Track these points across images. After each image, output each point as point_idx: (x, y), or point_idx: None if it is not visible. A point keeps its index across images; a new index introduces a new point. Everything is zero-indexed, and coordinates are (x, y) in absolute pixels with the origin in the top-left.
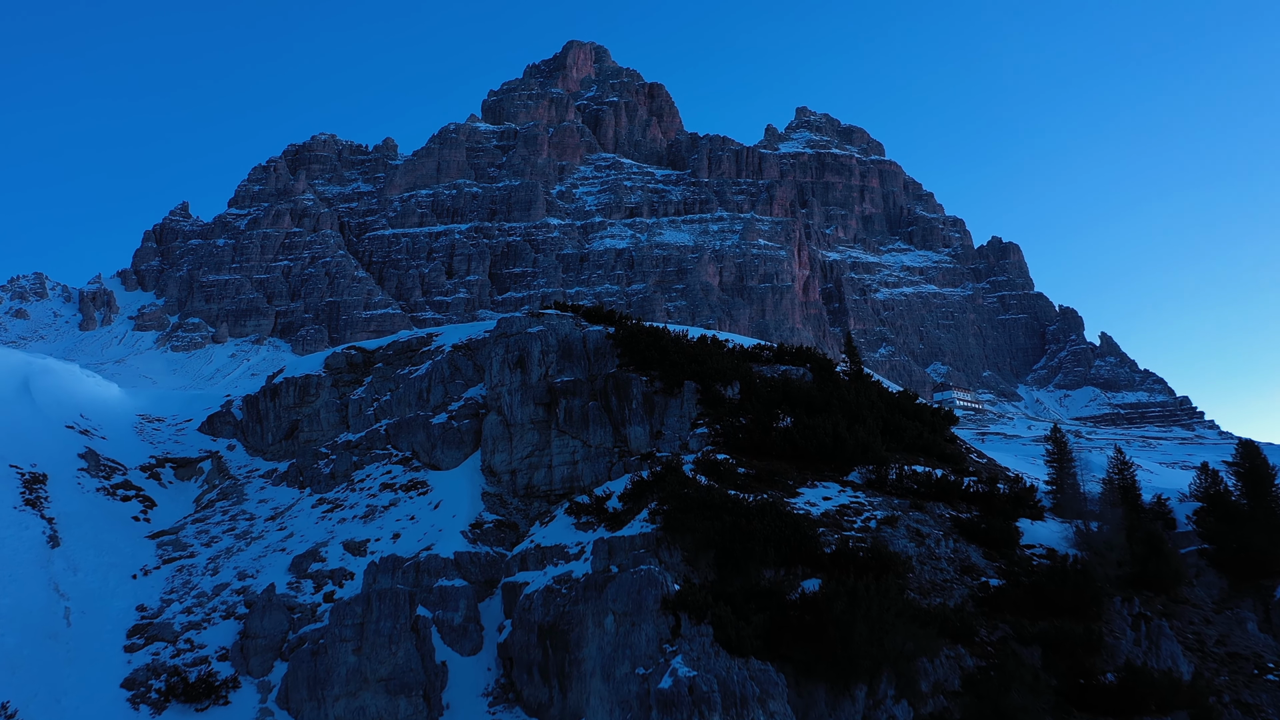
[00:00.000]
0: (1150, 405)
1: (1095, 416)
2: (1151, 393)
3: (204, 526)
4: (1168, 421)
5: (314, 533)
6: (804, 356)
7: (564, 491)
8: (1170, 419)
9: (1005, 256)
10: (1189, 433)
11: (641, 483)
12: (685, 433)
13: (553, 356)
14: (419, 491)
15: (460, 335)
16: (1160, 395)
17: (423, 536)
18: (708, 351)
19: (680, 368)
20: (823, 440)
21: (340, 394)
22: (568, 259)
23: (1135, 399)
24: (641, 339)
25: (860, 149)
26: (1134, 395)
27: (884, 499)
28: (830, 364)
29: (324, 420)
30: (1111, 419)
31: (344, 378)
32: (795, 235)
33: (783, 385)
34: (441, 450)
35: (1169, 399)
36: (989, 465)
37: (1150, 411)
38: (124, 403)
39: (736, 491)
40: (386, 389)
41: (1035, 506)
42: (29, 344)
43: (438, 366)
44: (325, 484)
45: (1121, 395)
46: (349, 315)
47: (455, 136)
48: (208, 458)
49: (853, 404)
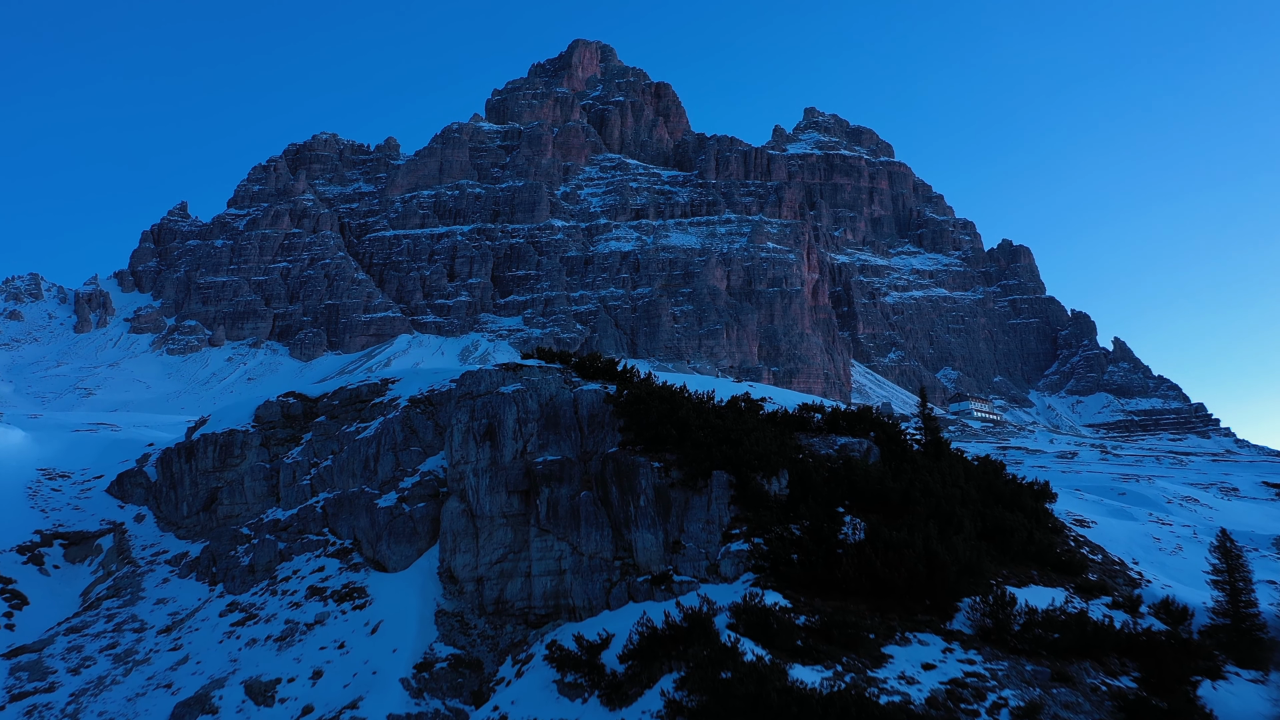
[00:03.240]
0: (1165, 412)
1: (1108, 423)
2: (1166, 399)
3: (79, 641)
4: (1183, 429)
5: (213, 659)
6: (864, 422)
7: (546, 613)
8: (1185, 426)
9: (1016, 260)
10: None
11: (655, 637)
12: (714, 547)
13: (533, 426)
14: (354, 604)
15: (420, 385)
16: (1175, 402)
17: (351, 680)
18: (742, 423)
19: (706, 450)
20: (912, 565)
21: (271, 455)
22: (572, 262)
23: (1149, 405)
24: (653, 406)
25: (869, 150)
26: (1148, 402)
27: (1011, 663)
28: (898, 431)
29: (249, 490)
30: (1125, 426)
31: (277, 434)
32: (804, 238)
33: (844, 470)
34: (388, 544)
35: (1184, 405)
36: (1106, 564)
37: (1164, 418)
38: (24, 453)
39: (799, 663)
40: (328, 450)
41: (1209, 654)
42: (22, 346)
43: (388, 428)
44: (241, 580)
45: (1135, 402)
46: (348, 318)
47: (458, 136)
48: (109, 531)
49: (938, 495)
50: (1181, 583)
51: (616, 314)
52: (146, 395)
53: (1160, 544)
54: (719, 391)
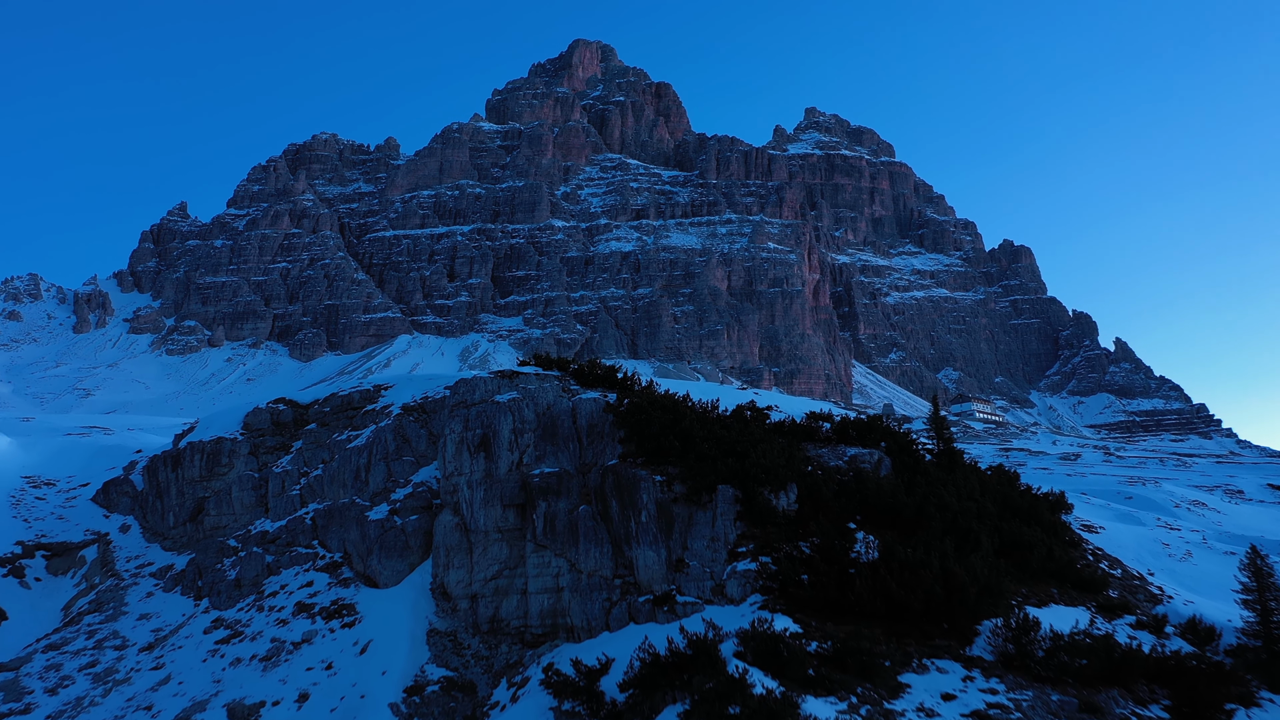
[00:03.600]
0: (1166, 413)
1: (1110, 424)
2: (1167, 400)
3: (58, 659)
4: (1184, 429)
5: (196, 679)
6: (874, 431)
7: (543, 632)
8: (1187, 426)
9: (1017, 260)
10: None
11: (657, 665)
12: (720, 566)
13: (530, 437)
14: (343, 622)
15: (414, 392)
16: (1176, 402)
17: (339, 704)
18: (748, 434)
19: (711, 463)
20: (929, 586)
21: (260, 464)
22: (572, 262)
23: (1151, 406)
24: (655, 416)
25: (870, 150)
26: (1149, 402)
27: (1036, 692)
28: (909, 441)
29: (236, 501)
30: (1127, 426)
31: (266, 442)
32: (805, 238)
33: (855, 484)
34: (379, 558)
35: (1185, 406)
36: (1126, 579)
37: (1166, 419)
38: (9, 459)
39: (811, 694)
40: (319, 460)
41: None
42: (21, 346)
43: (380, 436)
44: (228, 594)
45: (1137, 402)
46: (348, 319)
47: (458, 136)
48: (93, 542)
49: (954, 509)
50: (1197, 593)
51: (617, 314)
52: (146, 396)
53: (1170, 550)
54: (723, 400)
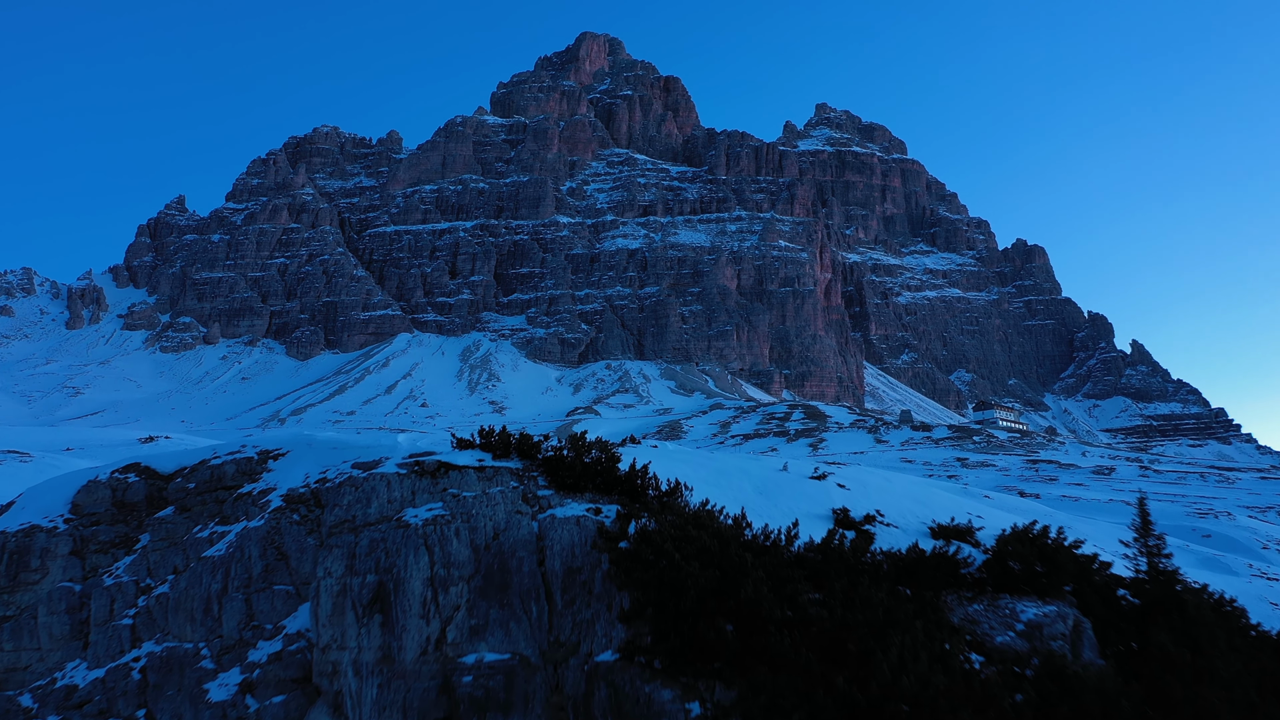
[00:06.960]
0: (1184, 417)
1: (1126, 428)
2: (1185, 404)
3: None
4: (1203, 434)
5: None
6: (1051, 564)
7: None
8: (1205, 432)
9: (1031, 260)
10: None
11: None
12: None
13: (461, 590)
14: None
15: (308, 469)
16: (1195, 406)
17: None
18: (851, 587)
19: (797, 675)
20: None
21: (87, 570)
22: (577, 259)
23: (1168, 410)
24: (688, 572)
25: (882, 147)
26: (1167, 406)
27: None
28: (1108, 584)
29: (44, 630)
30: (1143, 431)
31: (101, 535)
32: (817, 236)
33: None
34: None
35: (1204, 410)
36: None
37: (1184, 424)
38: None
39: None
40: (170, 565)
41: None
42: (12, 343)
43: (242, 548)
44: None
45: (1154, 406)
46: (346, 316)
47: (462, 130)
48: None
49: None
50: None
51: (623, 314)
52: (136, 395)
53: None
54: (796, 510)
